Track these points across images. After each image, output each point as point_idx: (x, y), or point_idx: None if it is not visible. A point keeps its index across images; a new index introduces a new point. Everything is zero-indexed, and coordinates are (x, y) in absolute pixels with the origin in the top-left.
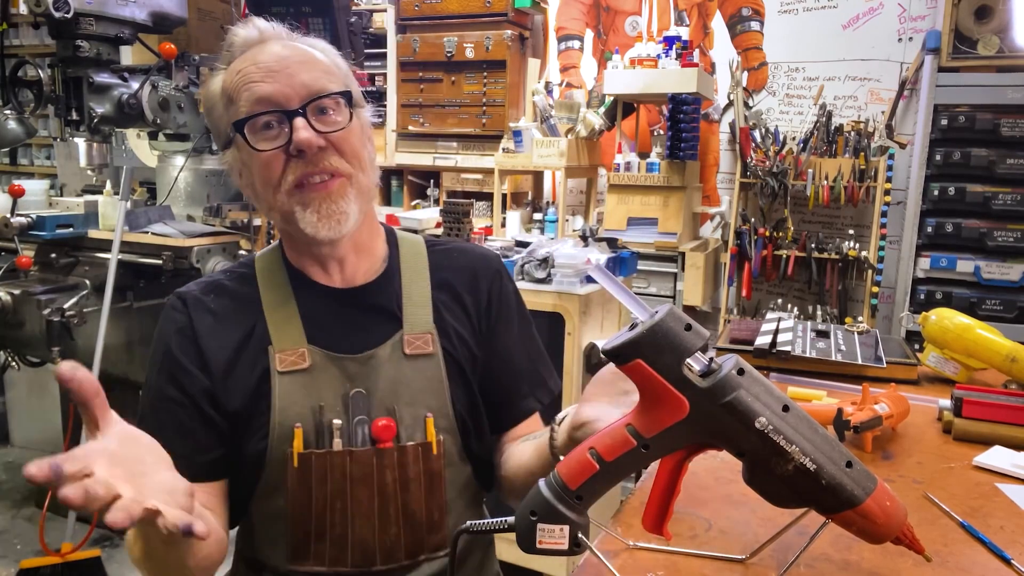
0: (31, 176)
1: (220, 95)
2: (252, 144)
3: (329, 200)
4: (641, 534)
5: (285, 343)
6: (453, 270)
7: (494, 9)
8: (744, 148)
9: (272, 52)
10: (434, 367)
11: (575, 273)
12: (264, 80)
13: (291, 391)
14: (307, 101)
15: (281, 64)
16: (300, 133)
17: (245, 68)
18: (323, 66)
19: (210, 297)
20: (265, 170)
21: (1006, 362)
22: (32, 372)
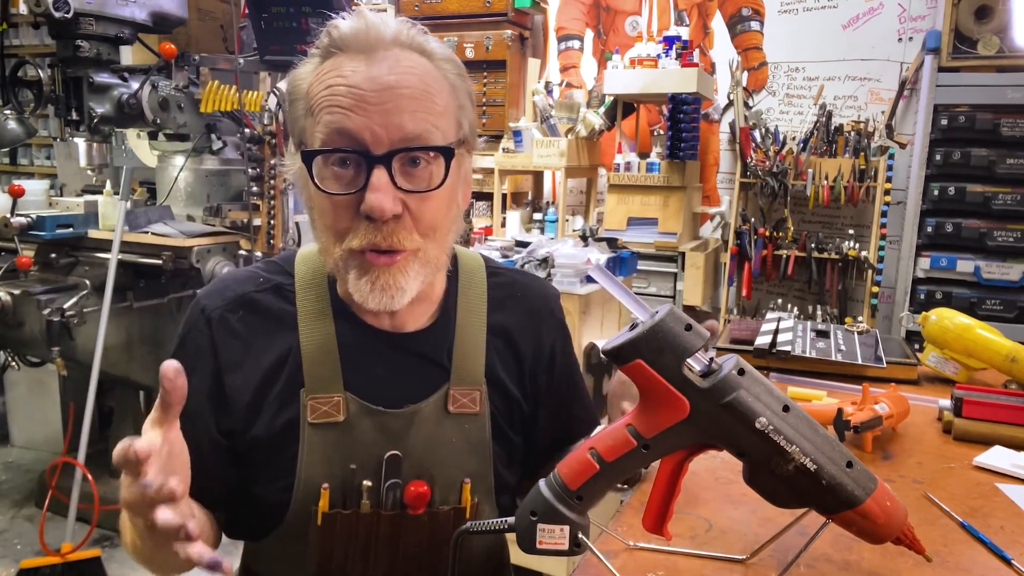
0: (31, 176)
1: (303, 96)
2: (318, 182)
3: (387, 274)
4: (641, 534)
5: (319, 387)
6: (514, 312)
7: (494, 9)
8: (744, 148)
9: (375, 75)
10: (479, 429)
11: (575, 273)
12: (352, 110)
13: (322, 447)
14: (397, 149)
15: (380, 95)
16: (374, 196)
17: (336, 84)
18: (435, 103)
19: (238, 315)
20: (327, 216)
21: (1006, 362)
22: (32, 372)
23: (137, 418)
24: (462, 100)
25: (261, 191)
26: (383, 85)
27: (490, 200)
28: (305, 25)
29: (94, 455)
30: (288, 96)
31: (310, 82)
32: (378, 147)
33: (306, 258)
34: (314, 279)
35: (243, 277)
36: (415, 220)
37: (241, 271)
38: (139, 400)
